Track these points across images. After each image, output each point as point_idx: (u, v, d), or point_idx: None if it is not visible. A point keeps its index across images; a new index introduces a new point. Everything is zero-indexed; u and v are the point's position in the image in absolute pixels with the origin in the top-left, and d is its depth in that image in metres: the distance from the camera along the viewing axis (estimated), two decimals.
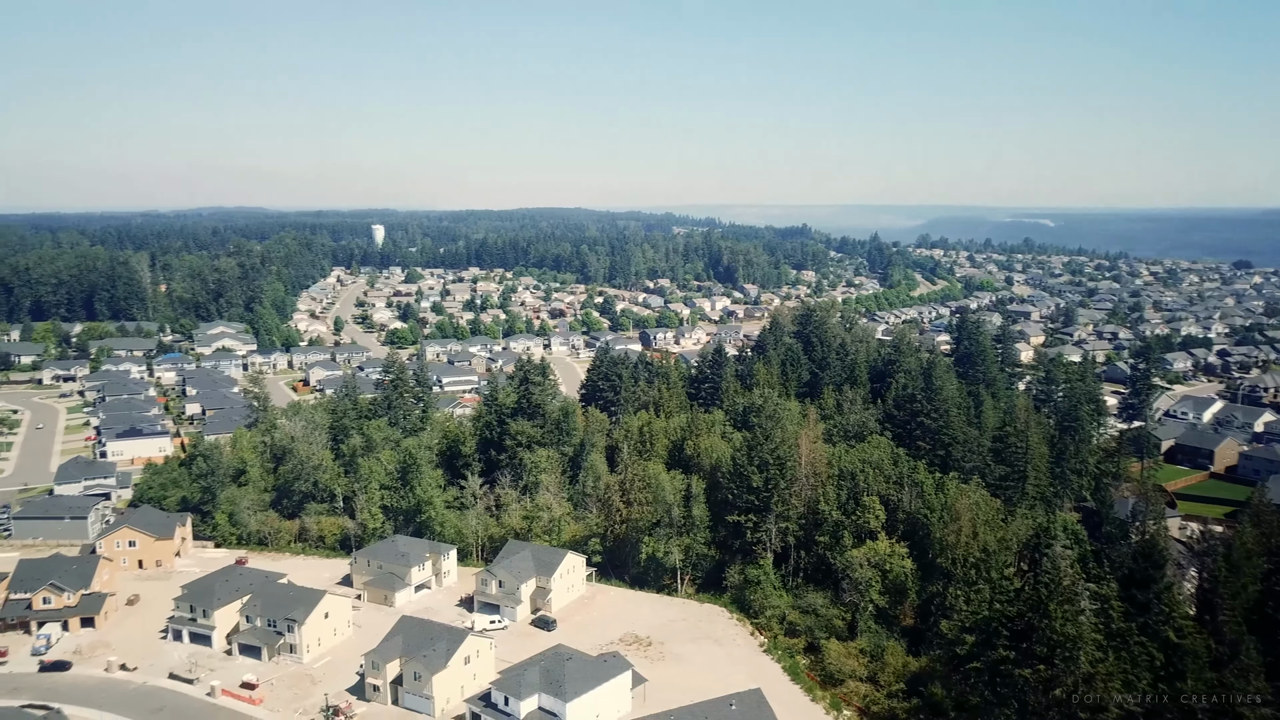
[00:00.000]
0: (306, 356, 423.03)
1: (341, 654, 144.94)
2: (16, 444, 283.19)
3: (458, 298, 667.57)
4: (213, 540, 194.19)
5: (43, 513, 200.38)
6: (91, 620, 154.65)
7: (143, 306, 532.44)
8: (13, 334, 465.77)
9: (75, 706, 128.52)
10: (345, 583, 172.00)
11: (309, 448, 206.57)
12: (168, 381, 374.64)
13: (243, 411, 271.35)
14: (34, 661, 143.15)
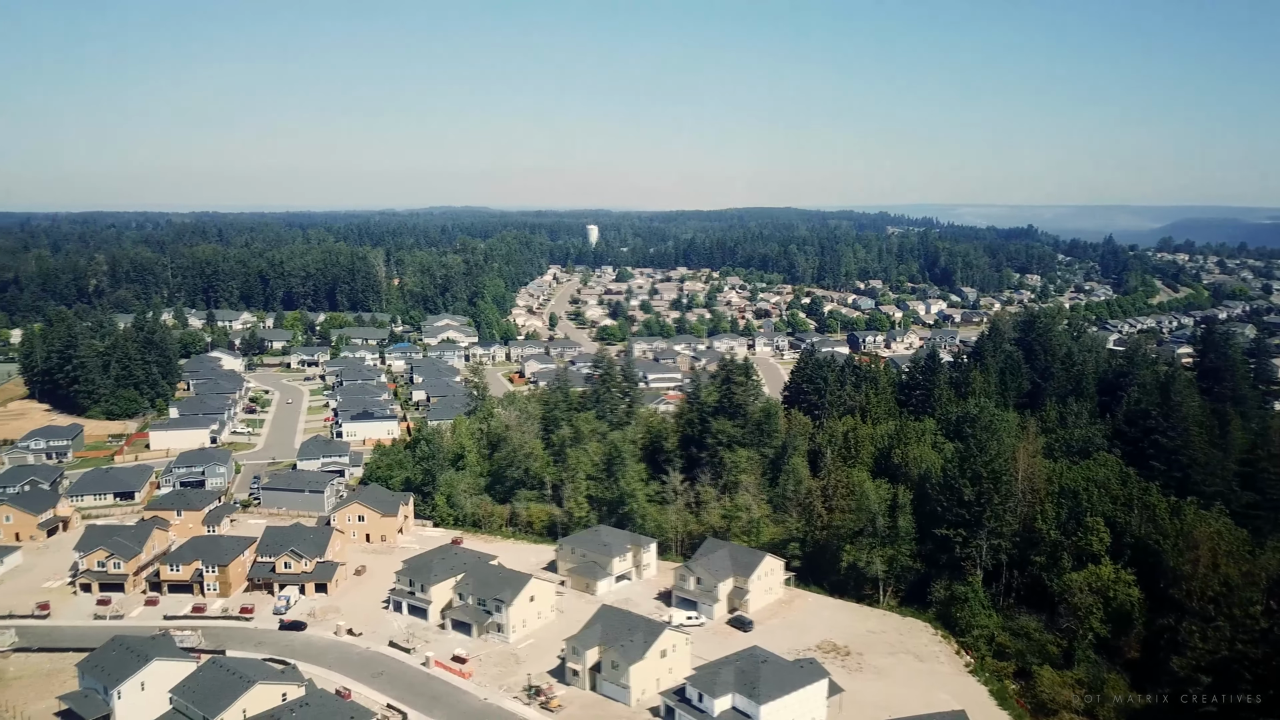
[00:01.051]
0: (522, 350, 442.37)
1: (544, 637, 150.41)
2: (267, 421, 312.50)
3: (665, 296, 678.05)
4: (431, 520, 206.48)
5: (286, 485, 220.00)
6: (324, 587, 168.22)
7: (378, 299, 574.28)
8: (268, 321, 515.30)
9: (308, 664, 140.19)
10: (550, 568, 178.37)
11: (522, 436, 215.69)
12: (397, 369, 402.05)
13: (463, 400, 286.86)
14: (274, 620, 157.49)
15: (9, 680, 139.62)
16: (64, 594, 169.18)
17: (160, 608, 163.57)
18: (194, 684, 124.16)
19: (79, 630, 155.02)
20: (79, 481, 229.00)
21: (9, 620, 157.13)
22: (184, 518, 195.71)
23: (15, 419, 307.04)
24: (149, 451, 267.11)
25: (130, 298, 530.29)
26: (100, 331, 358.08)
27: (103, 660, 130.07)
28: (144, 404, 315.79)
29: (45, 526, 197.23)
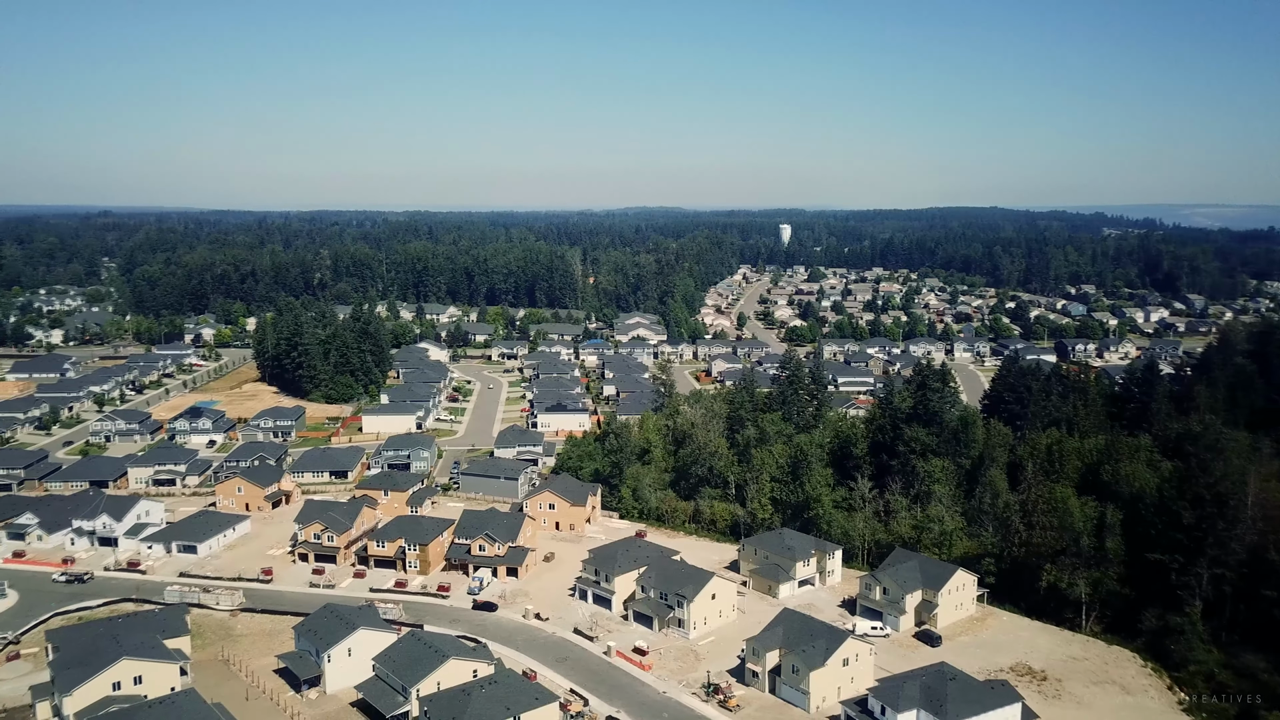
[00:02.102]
0: (710, 349, 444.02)
1: (725, 635, 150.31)
2: (469, 410, 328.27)
3: (859, 298, 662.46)
4: (617, 511, 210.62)
5: (484, 471, 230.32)
6: (515, 571, 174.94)
7: (574, 296, 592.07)
8: (472, 315, 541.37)
9: (498, 644, 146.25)
10: (732, 568, 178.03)
11: (707, 434, 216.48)
12: (590, 364, 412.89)
13: (651, 396, 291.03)
14: (468, 600, 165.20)
15: (237, 636, 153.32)
16: (284, 561, 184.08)
17: (367, 580, 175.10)
18: (394, 654, 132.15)
19: (296, 596, 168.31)
20: (300, 459, 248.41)
21: (238, 582, 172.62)
22: (390, 498, 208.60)
23: (248, 400, 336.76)
24: (361, 434, 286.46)
25: (349, 290, 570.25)
26: (322, 321, 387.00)
27: (316, 625, 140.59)
28: (358, 390, 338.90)
29: (271, 499, 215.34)
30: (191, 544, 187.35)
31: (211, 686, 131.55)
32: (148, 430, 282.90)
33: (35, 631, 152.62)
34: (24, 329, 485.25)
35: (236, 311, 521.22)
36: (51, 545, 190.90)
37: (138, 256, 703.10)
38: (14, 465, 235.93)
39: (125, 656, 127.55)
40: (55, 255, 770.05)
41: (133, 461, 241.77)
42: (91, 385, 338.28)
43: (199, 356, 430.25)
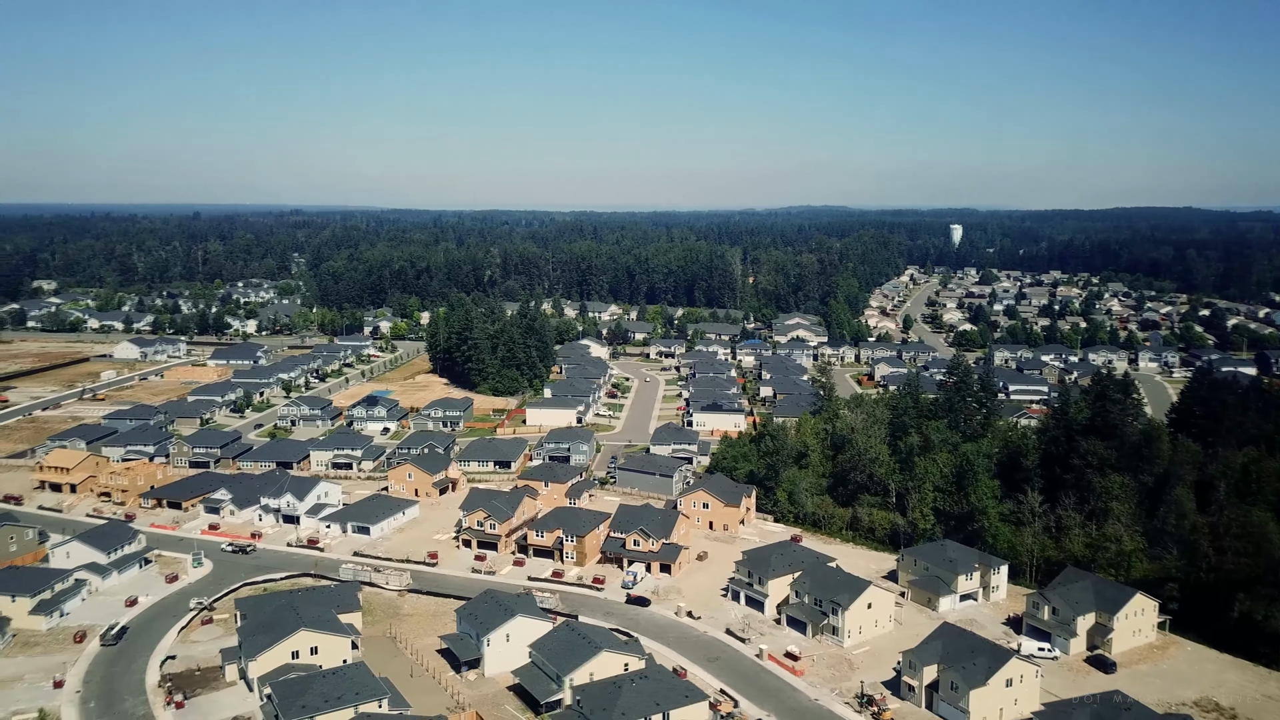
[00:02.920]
0: (873, 351, 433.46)
1: (880, 646, 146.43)
2: (626, 406, 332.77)
3: (1034, 302, 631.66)
4: (772, 514, 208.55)
5: (640, 468, 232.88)
6: (668, 567, 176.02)
7: (732, 296, 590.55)
8: (632, 313, 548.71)
9: (649, 640, 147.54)
10: (890, 577, 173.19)
11: (867, 440, 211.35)
12: (747, 365, 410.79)
13: (809, 398, 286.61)
14: (622, 593, 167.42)
15: (404, 615, 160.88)
16: (449, 546, 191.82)
17: (525, 569, 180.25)
18: (550, 642, 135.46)
19: (459, 580, 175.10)
20: (467, 449, 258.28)
21: (406, 564, 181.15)
22: (550, 489, 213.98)
23: (421, 390, 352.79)
24: (525, 427, 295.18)
25: (517, 288, 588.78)
26: (491, 317, 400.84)
27: (476, 610, 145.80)
28: (523, 384, 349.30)
29: (438, 485, 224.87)
30: (365, 525, 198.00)
31: (379, 661, 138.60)
32: (328, 416, 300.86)
33: (226, 599, 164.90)
34: (224, 319, 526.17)
35: (412, 306, 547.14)
36: (242, 520, 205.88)
37: (324, 252, 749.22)
38: (212, 445, 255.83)
39: (304, 628, 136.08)
40: (252, 251, 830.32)
41: (314, 445, 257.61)
42: (280, 373, 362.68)
43: (376, 348, 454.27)
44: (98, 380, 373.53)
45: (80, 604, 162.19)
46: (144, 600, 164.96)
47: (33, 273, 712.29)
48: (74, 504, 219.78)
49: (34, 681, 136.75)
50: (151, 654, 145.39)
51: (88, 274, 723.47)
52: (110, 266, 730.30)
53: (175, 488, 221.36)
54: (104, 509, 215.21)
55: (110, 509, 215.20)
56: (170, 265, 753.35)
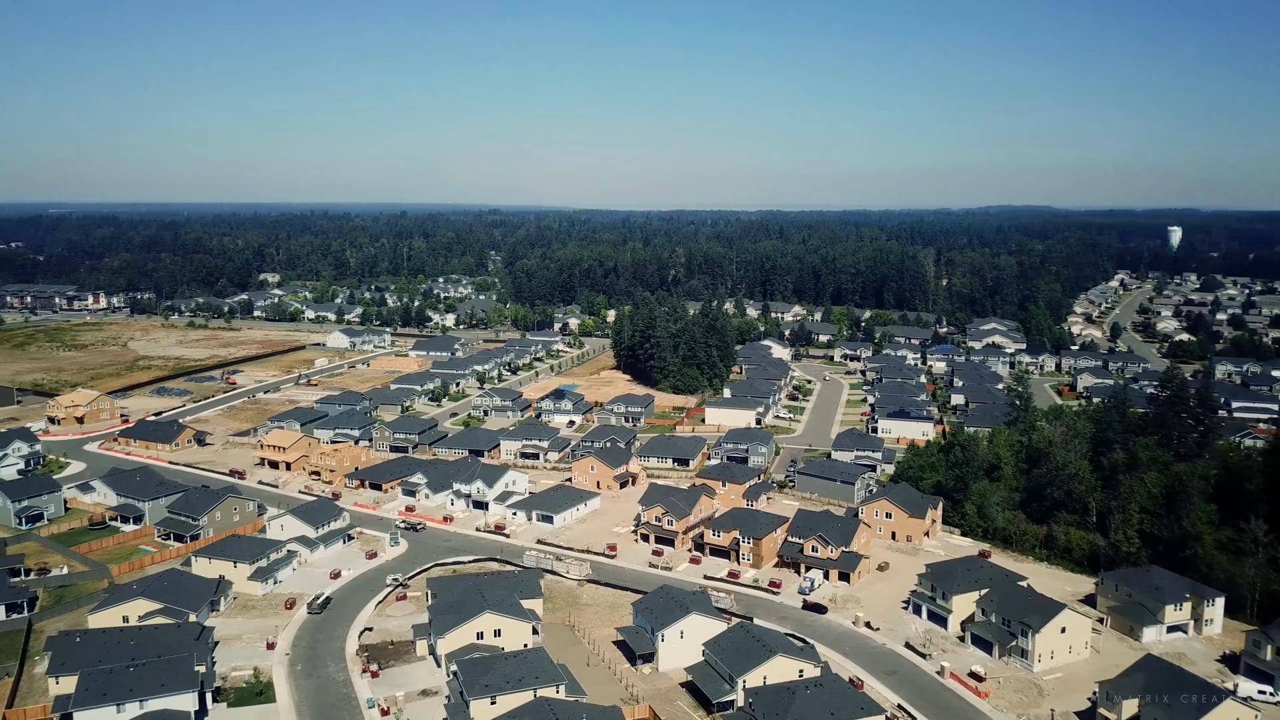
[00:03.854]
0: (1076, 360, 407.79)
1: (1073, 673, 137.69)
2: (808, 409, 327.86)
3: (1264, 311, 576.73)
4: (959, 528, 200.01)
5: (820, 473, 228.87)
6: (847, 576, 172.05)
7: (924, 298, 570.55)
8: (816, 314, 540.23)
9: (825, 647, 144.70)
10: (1087, 601, 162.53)
11: (1066, 454, 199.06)
12: (937, 371, 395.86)
13: (1004, 408, 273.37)
14: (798, 599, 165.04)
15: (583, 605, 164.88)
16: (627, 540, 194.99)
17: (701, 567, 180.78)
18: (724, 642, 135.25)
19: (636, 573, 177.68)
20: (647, 445, 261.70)
21: (586, 555, 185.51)
22: (727, 489, 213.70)
23: (604, 385, 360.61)
24: (703, 425, 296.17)
25: (700, 287, 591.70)
26: (674, 316, 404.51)
27: (652, 604, 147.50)
28: (703, 382, 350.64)
29: (619, 479, 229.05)
30: (549, 514, 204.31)
31: (558, 648, 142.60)
32: (518, 408, 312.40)
33: (419, 578, 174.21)
34: (425, 312, 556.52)
35: (599, 304, 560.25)
36: (435, 503, 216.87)
37: (519, 251, 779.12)
38: (411, 431, 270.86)
39: (488, 610, 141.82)
40: (452, 248, 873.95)
41: (504, 435, 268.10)
42: (475, 365, 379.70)
43: (565, 343, 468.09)
44: (312, 367, 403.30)
45: (291, 573, 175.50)
46: (346, 574, 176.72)
47: (260, 266, 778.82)
48: (288, 481, 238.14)
49: (250, 641, 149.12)
50: (351, 625, 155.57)
51: (307, 268, 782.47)
52: (326, 261, 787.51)
53: (377, 470, 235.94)
54: (314, 487, 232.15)
55: (319, 487, 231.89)
56: (379, 261, 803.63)
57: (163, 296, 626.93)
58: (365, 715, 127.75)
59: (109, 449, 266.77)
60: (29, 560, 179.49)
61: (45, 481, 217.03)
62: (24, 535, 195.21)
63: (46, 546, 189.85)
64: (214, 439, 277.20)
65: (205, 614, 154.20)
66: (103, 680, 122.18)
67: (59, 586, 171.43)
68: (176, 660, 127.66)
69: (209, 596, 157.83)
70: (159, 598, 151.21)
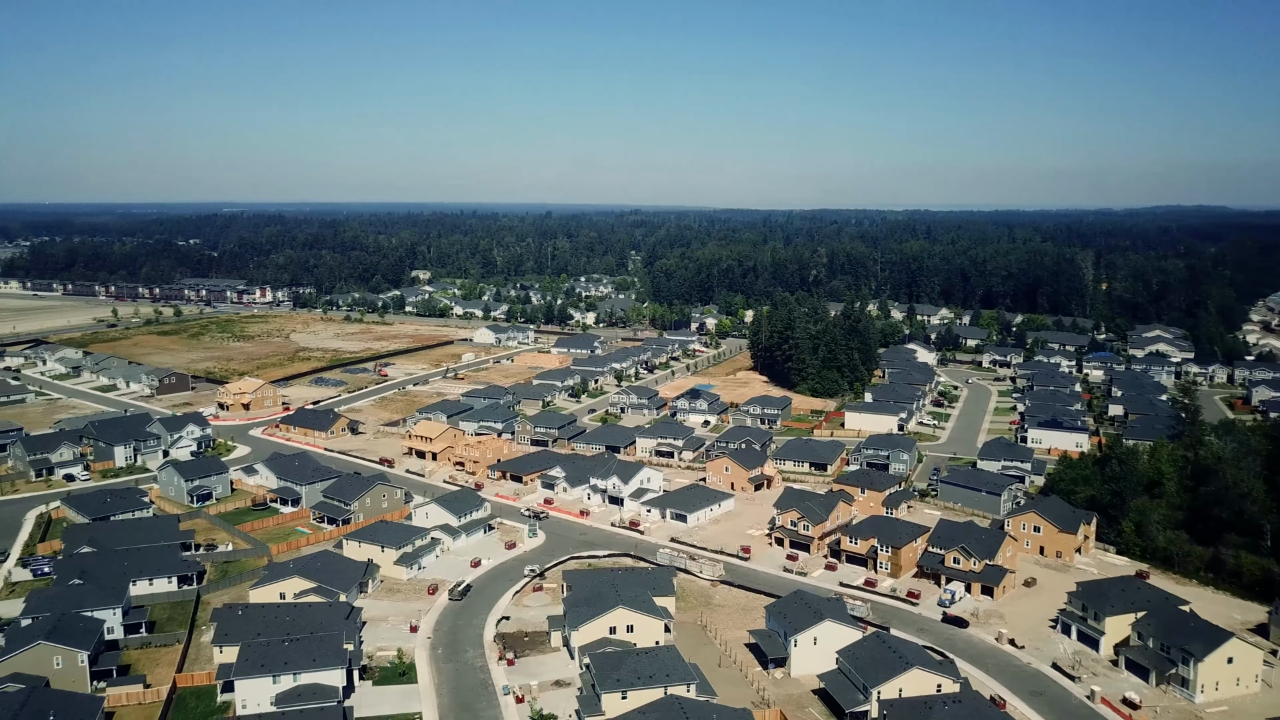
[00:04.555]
0: (1251, 372, 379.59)
1: (1241, 707, 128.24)
2: (953, 416, 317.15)
3: None
4: (1114, 546, 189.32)
5: (964, 482, 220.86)
6: (990, 590, 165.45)
7: (1081, 303, 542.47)
8: (964, 318, 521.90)
9: (965, 663, 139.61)
10: (1259, 631, 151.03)
11: (1238, 472, 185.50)
12: (1094, 379, 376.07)
13: (1167, 421, 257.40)
14: (938, 611, 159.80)
15: (715, 605, 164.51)
16: (761, 543, 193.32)
17: (837, 574, 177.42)
18: (859, 651, 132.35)
19: (769, 577, 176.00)
20: (783, 447, 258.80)
21: (719, 555, 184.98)
22: (866, 496, 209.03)
23: (740, 386, 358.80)
24: (842, 430, 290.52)
25: (842, 288, 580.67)
26: (814, 317, 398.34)
27: (786, 609, 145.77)
28: (843, 385, 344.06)
29: (753, 481, 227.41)
30: (683, 513, 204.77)
31: (690, 647, 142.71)
32: (654, 406, 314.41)
33: (555, 570, 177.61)
34: (567, 310, 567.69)
35: (737, 304, 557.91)
36: (573, 497, 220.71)
37: (659, 250, 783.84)
38: (551, 426, 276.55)
39: (622, 606, 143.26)
40: (594, 248, 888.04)
41: (640, 433, 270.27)
42: (614, 363, 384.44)
43: (701, 343, 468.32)
44: (458, 361, 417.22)
45: (434, 560, 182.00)
46: (486, 563, 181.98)
47: (412, 264, 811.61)
48: (434, 470, 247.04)
49: (395, 624, 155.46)
50: (489, 613, 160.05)
51: (456, 266, 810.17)
52: (475, 260, 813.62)
53: (518, 463, 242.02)
54: (458, 477, 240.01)
55: (463, 477, 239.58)
56: (524, 260, 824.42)
57: (322, 291, 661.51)
58: (501, 702, 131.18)
59: (271, 434, 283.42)
60: (198, 536, 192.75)
61: (214, 463, 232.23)
62: (195, 513, 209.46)
63: (214, 524, 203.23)
64: (366, 428, 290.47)
65: (354, 595, 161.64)
66: (260, 652, 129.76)
67: (224, 562, 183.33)
68: (327, 638, 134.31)
69: (358, 578, 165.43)
70: (313, 577, 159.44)
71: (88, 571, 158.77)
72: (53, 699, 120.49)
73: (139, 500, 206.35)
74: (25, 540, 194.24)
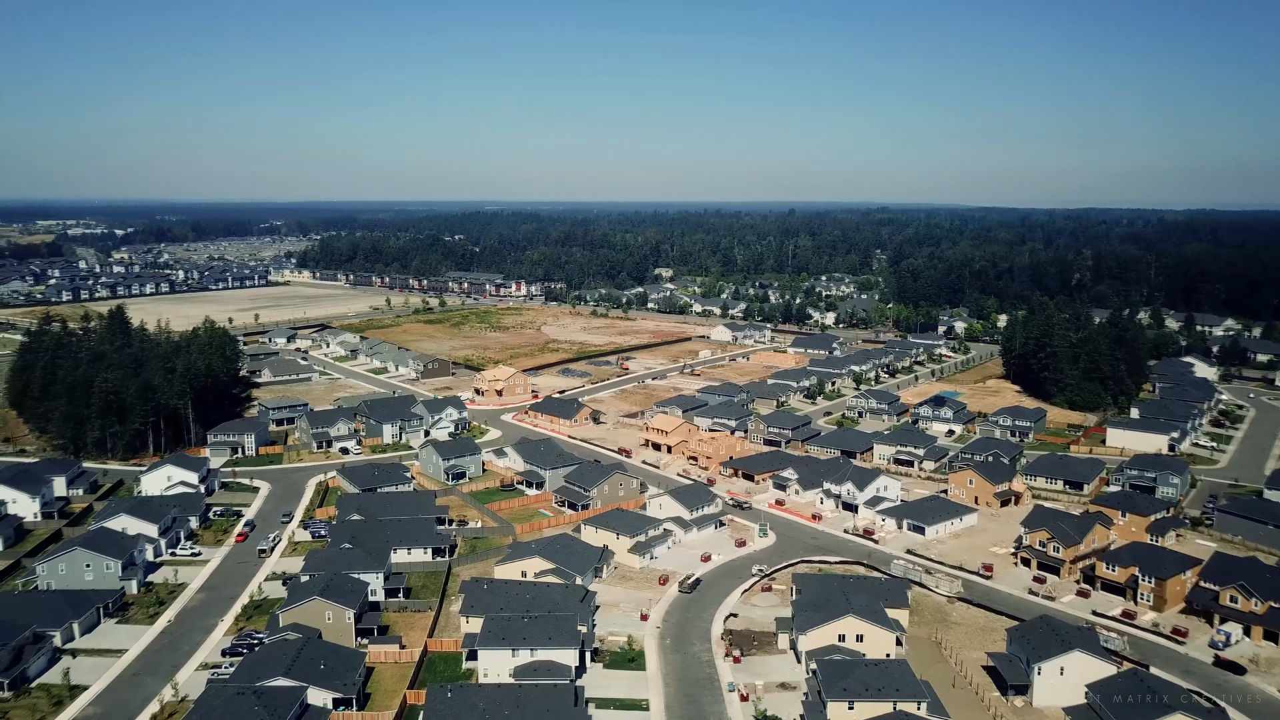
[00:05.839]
0: None
1: None
2: (1236, 439, 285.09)
3: None
4: None
5: (1247, 513, 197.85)
6: (1275, 636, 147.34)
7: None
8: (1253, 330, 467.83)
9: (1240, 715, 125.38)
10: None
11: None
12: None
13: None
14: (1208, 653, 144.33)
15: (951, 623, 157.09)
16: (1005, 561, 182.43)
17: (1089, 602, 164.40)
18: (1113, 687, 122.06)
19: (1012, 599, 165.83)
20: (1034, 463, 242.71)
21: (958, 571, 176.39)
22: (1127, 520, 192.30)
23: (990, 395, 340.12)
24: (1103, 447, 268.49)
25: (1109, 294, 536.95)
26: (1075, 324, 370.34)
27: (1030, 633, 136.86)
28: (1106, 399, 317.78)
29: (1000, 496, 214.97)
30: (920, 525, 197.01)
31: (921, 664, 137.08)
32: (894, 412, 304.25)
33: (785, 572, 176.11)
34: (805, 310, 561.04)
35: (989, 307, 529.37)
36: (804, 500, 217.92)
37: (905, 250, 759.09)
38: (785, 426, 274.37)
39: (852, 614, 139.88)
40: (837, 247, 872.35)
41: (878, 438, 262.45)
42: (852, 365, 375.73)
43: (948, 348, 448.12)
44: (695, 358, 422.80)
45: (666, 551, 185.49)
46: (716, 558, 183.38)
47: (655, 261, 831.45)
48: (668, 463, 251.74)
49: (626, 611, 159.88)
50: (718, 608, 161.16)
51: (697, 264, 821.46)
52: (715, 258, 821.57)
53: (750, 461, 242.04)
54: (691, 471, 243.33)
55: (696, 472, 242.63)
56: (764, 258, 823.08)
57: (572, 286, 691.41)
58: (726, 698, 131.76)
59: (520, 420, 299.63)
60: (451, 512, 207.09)
61: (469, 445, 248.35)
62: (449, 490, 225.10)
63: (466, 501, 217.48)
64: (606, 418, 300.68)
65: (589, 579, 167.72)
66: (502, 626, 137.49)
67: (473, 538, 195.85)
68: (563, 618, 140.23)
69: (594, 563, 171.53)
70: (552, 559, 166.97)
71: (356, 537, 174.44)
72: (324, 649, 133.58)
73: (402, 475, 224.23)
74: (306, 505, 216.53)
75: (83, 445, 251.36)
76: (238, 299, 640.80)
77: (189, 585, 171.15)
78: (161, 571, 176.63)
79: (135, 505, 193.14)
